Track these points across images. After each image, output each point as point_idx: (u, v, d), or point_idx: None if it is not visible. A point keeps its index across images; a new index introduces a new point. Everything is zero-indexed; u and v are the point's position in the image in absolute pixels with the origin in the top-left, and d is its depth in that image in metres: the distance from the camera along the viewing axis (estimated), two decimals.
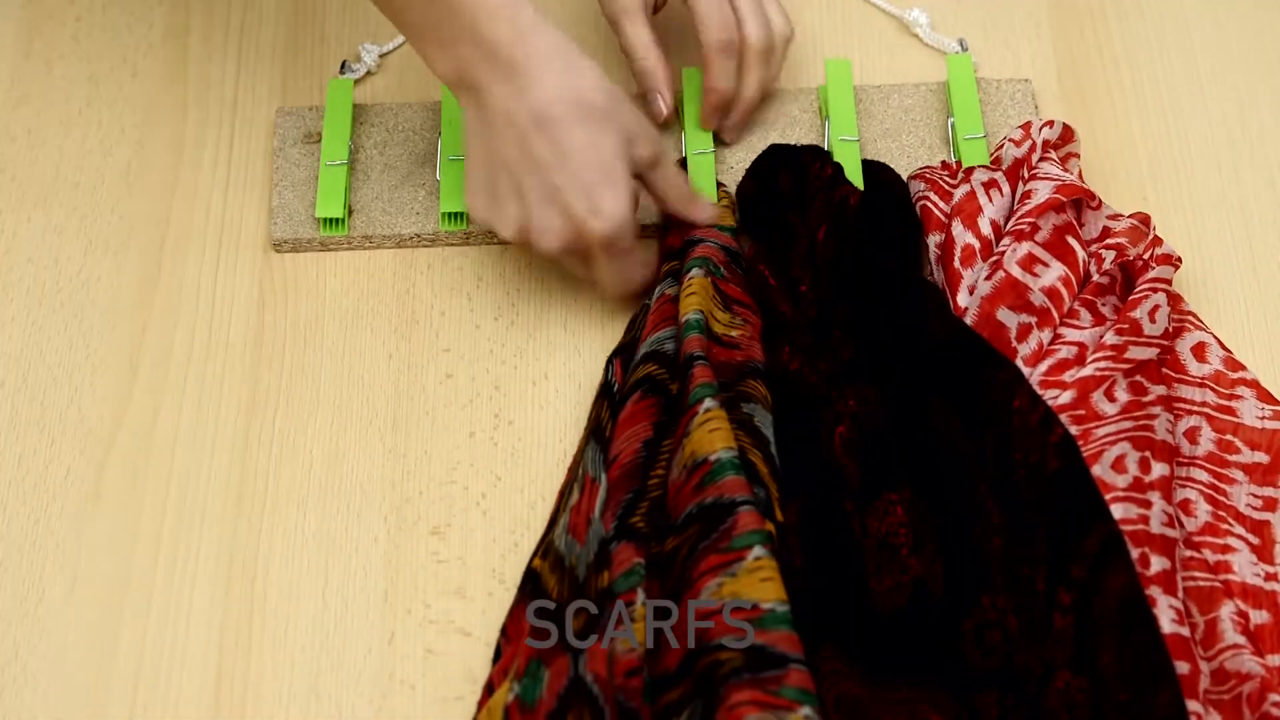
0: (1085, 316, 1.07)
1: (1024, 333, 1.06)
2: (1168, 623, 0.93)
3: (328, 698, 0.98)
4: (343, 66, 1.20)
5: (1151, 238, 1.08)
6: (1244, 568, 0.99)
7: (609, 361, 1.06)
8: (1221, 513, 1.01)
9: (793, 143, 1.15)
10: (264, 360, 1.10)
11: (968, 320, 1.06)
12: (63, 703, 0.98)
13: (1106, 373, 1.03)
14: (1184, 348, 1.07)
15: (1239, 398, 1.05)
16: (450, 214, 1.13)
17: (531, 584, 0.99)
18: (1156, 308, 1.04)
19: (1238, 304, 1.12)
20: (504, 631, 0.98)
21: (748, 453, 0.98)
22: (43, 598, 1.01)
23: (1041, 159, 1.11)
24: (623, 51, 1.14)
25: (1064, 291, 1.07)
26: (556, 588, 0.97)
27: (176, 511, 1.04)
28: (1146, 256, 1.07)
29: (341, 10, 1.24)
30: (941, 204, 1.11)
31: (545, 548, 1.00)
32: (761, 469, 0.98)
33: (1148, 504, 0.97)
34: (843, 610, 0.95)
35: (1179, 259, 1.08)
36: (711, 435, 0.97)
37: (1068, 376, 1.04)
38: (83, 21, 1.23)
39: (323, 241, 1.14)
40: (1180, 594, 0.95)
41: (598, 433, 1.02)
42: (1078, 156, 1.14)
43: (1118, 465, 0.99)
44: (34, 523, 1.04)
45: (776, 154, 1.13)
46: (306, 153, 1.17)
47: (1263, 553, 1.00)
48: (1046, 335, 1.06)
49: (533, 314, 1.11)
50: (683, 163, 1.14)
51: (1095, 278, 1.07)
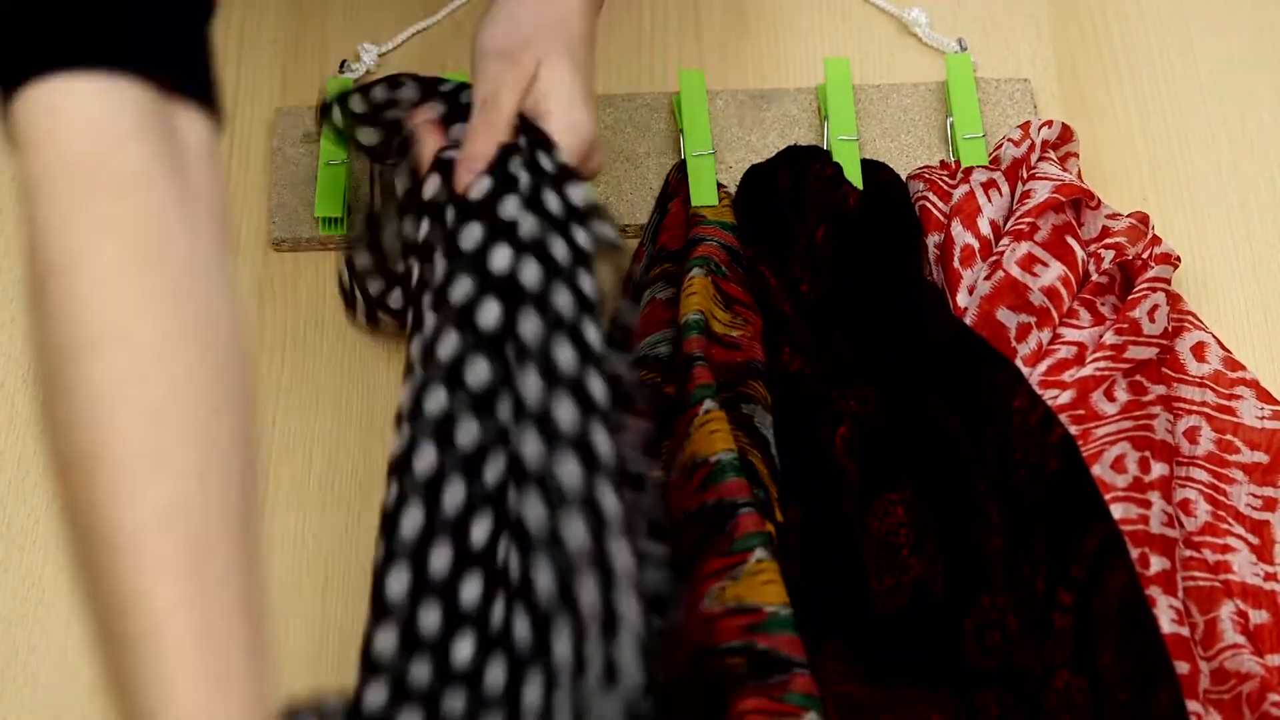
0: (1085, 316, 1.07)
1: (1023, 332, 1.06)
2: (1167, 623, 0.93)
3: None
4: (342, 66, 1.21)
5: (1150, 237, 1.09)
6: (1244, 568, 0.99)
7: None
8: (1221, 513, 1.01)
9: (792, 142, 1.16)
10: (264, 360, 1.10)
11: (967, 320, 1.06)
12: (63, 703, 0.98)
13: (1106, 372, 1.03)
14: (1184, 347, 1.07)
15: (1239, 398, 1.05)
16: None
17: None
18: (1156, 307, 1.04)
19: (1238, 304, 1.12)
20: None
21: (747, 454, 0.98)
22: (43, 598, 1.01)
23: (1040, 159, 1.11)
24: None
25: (1063, 291, 1.07)
26: None
27: None
28: (1145, 256, 1.07)
29: (342, 11, 1.24)
30: (940, 204, 1.11)
31: None
32: (761, 470, 0.98)
33: (1147, 504, 0.97)
34: (843, 610, 0.96)
35: (1178, 258, 1.08)
36: (712, 437, 0.97)
37: (1067, 376, 1.04)
38: None
39: (322, 241, 1.14)
40: (1180, 594, 0.95)
41: None
42: (1076, 156, 1.14)
43: (1117, 465, 0.99)
44: (34, 523, 1.04)
45: (777, 155, 1.13)
46: (306, 152, 1.17)
47: (1262, 553, 1.00)
48: (1046, 335, 1.06)
49: None
50: (682, 165, 1.14)
51: (1094, 277, 1.07)
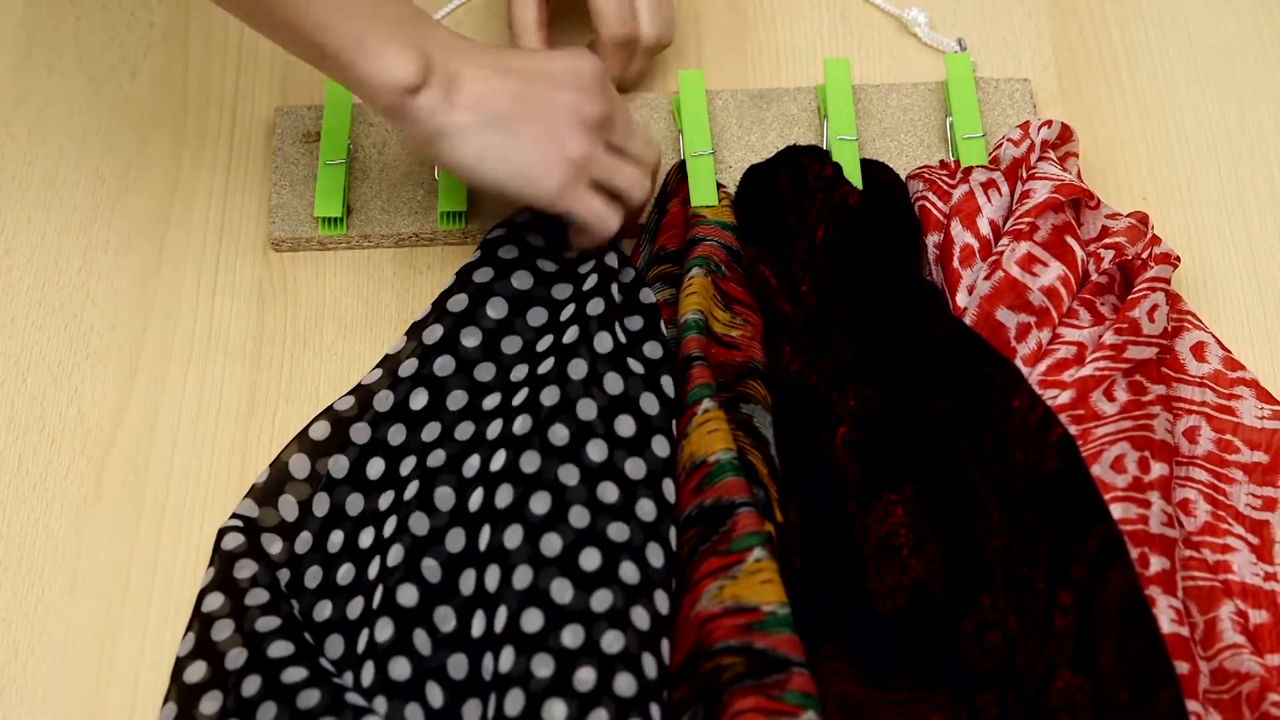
0: (1084, 316, 1.07)
1: (1023, 332, 1.06)
2: (1167, 623, 0.93)
3: None
4: None
5: (1150, 237, 1.08)
6: (1243, 567, 0.99)
7: None
8: (1221, 512, 1.01)
9: (791, 142, 1.16)
10: (264, 360, 1.10)
11: (967, 320, 1.06)
12: (63, 703, 0.98)
13: (1106, 372, 1.03)
14: (1183, 347, 1.07)
15: (1238, 397, 1.05)
16: (449, 213, 1.13)
17: None
18: (1155, 307, 1.04)
19: (1238, 304, 1.12)
20: None
21: (747, 453, 0.99)
22: (43, 597, 1.01)
23: (1040, 159, 1.11)
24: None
25: (1063, 291, 1.07)
26: None
27: (176, 511, 1.04)
28: (1145, 255, 1.07)
29: None
30: (940, 204, 1.11)
31: None
32: (761, 470, 0.98)
33: (1147, 504, 0.97)
34: (843, 611, 0.95)
35: (1178, 258, 1.08)
36: (710, 436, 0.97)
37: (1067, 376, 1.04)
38: (83, 21, 1.23)
39: (322, 241, 1.14)
40: (1180, 594, 0.95)
41: None
42: (1076, 156, 1.14)
43: (1117, 465, 0.99)
44: (34, 523, 1.04)
45: (777, 155, 1.13)
46: (305, 152, 1.17)
47: (1262, 552, 1.00)
48: (1046, 335, 1.06)
49: None
50: (681, 165, 1.14)
51: (1094, 277, 1.07)
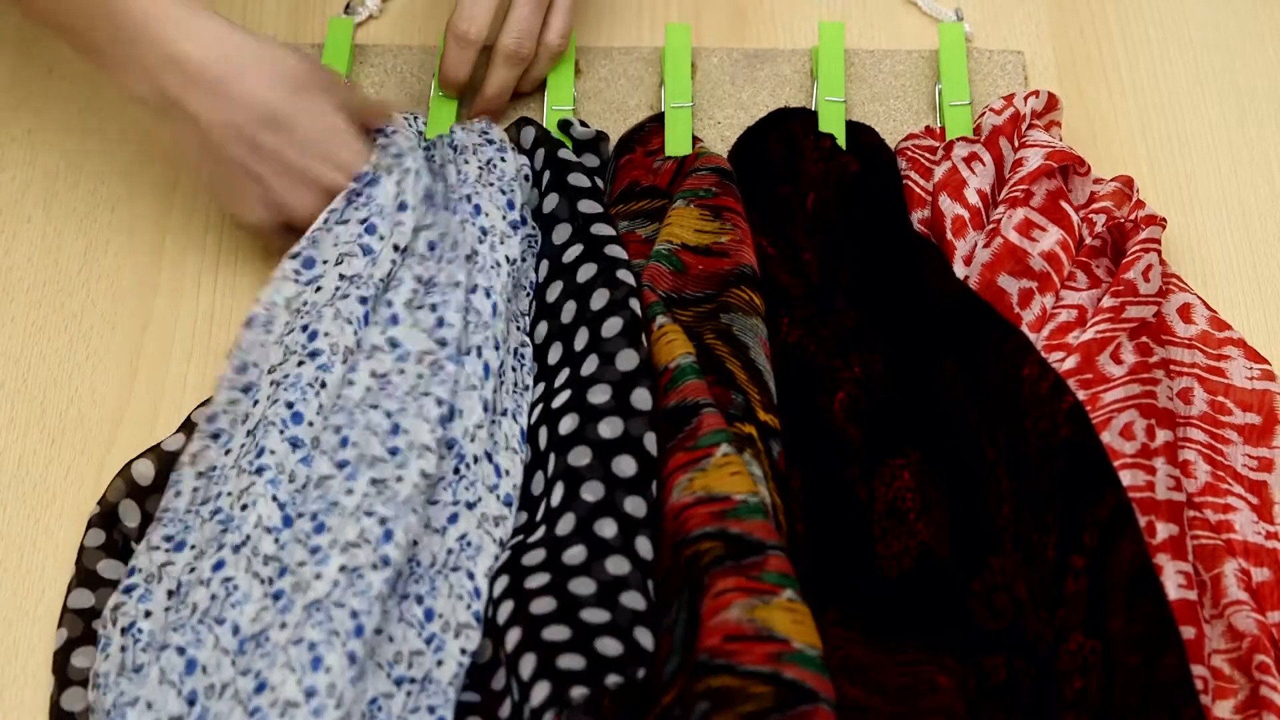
0: (1081, 279, 1.08)
1: (1026, 298, 1.06)
2: (1174, 588, 0.94)
3: None
4: (346, 7, 1.22)
5: (1135, 200, 1.10)
6: (1245, 526, 1.00)
7: None
8: (1220, 473, 1.02)
9: (783, 103, 1.18)
10: None
11: None
12: None
13: (1108, 334, 1.03)
14: (1170, 310, 1.08)
15: (1227, 358, 1.06)
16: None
17: None
18: (1150, 267, 1.06)
19: (1238, 303, 1.12)
20: None
21: (725, 362, 1.01)
22: (43, 597, 1.01)
23: (1029, 127, 1.12)
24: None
25: (1062, 255, 1.08)
26: None
27: None
28: (1133, 218, 1.08)
29: None
30: (922, 181, 1.12)
31: None
32: (740, 375, 1.01)
33: (1153, 470, 0.98)
34: (848, 575, 0.96)
35: (1164, 219, 1.08)
36: (669, 346, 1.00)
37: (1071, 339, 1.04)
38: None
39: None
40: (1189, 557, 0.96)
41: None
42: (1059, 124, 1.15)
43: (1126, 432, 1.00)
44: (34, 523, 1.04)
45: (768, 122, 1.15)
46: None
47: (1262, 512, 1.01)
48: (1049, 300, 1.07)
49: None
50: (660, 117, 1.16)
51: (1088, 241, 1.08)
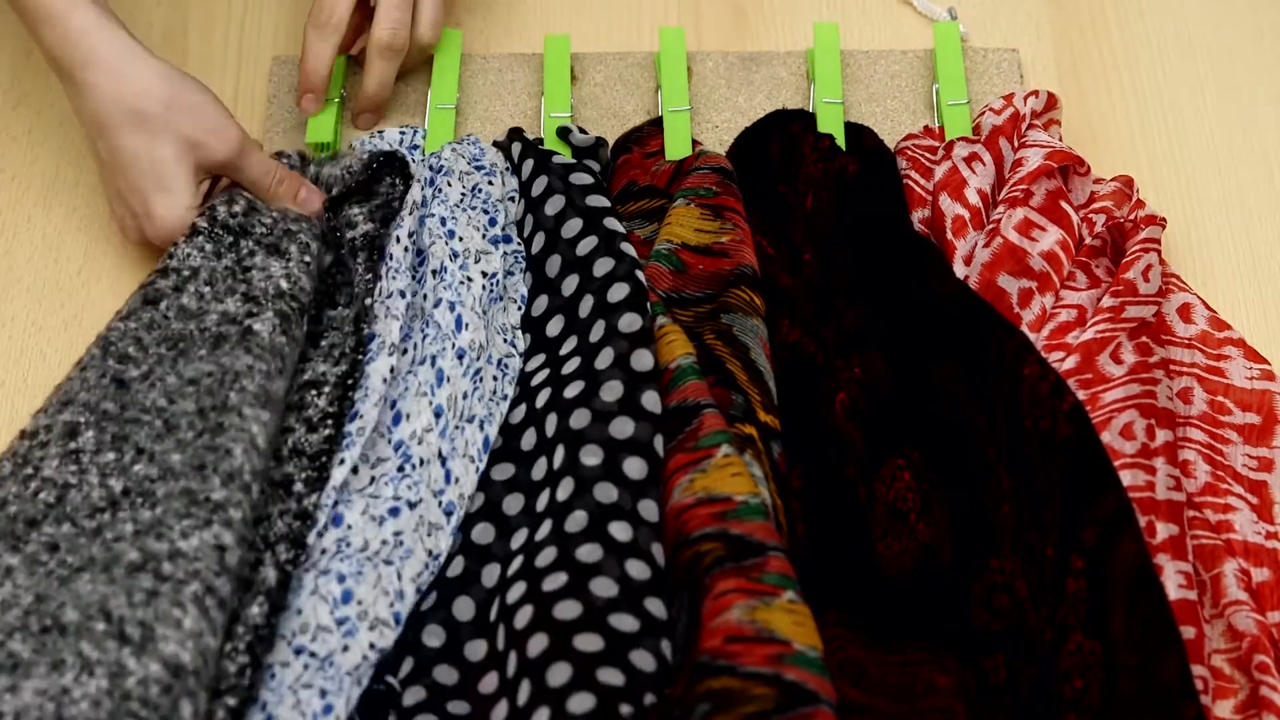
0: (1081, 279, 1.08)
1: (1026, 298, 1.06)
2: (1174, 588, 0.94)
3: None
4: None
5: (1135, 200, 1.10)
6: (1245, 526, 1.00)
7: None
8: (1220, 472, 1.02)
9: (780, 106, 1.18)
10: None
11: None
12: None
13: (1108, 334, 1.03)
14: (1170, 309, 1.08)
15: (1227, 358, 1.06)
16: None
17: None
18: (1149, 267, 1.06)
19: (1238, 303, 1.12)
20: None
21: (726, 362, 1.01)
22: None
23: (1029, 127, 1.12)
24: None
25: (1062, 255, 1.08)
26: None
27: None
28: (1133, 218, 1.08)
29: None
30: (923, 181, 1.12)
31: None
32: (740, 376, 1.01)
33: (1153, 470, 0.98)
34: (849, 575, 0.96)
35: (1163, 219, 1.08)
36: (669, 346, 1.01)
37: (1070, 339, 1.05)
38: None
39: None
40: (1189, 557, 0.96)
41: None
42: (1059, 124, 1.15)
43: (1126, 432, 1.00)
44: None
45: (767, 123, 1.14)
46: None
47: (1262, 512, 1.01)
48: (1049, 300, 1.07)
49: None
50: (658, 121, 1.16)
51: (1088, 241, 1.09)
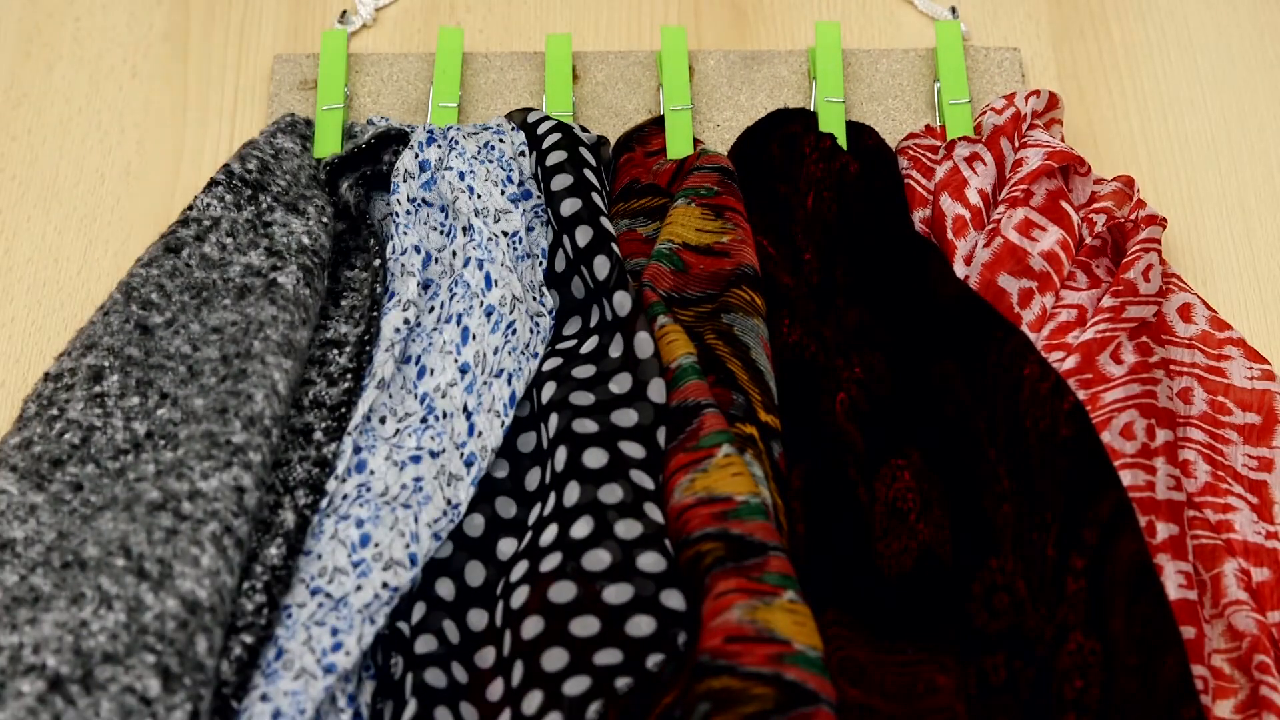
0: (1081, 279, 1.08)
1: (1026, 298, 1.06)
2: (1174, 589, 0.94)
3: None
4: (342, 16, 1.22)
5: (1135, 200, 1.10)
6: (1245, 526, 1.00)
7: None
8: (1220, 473, 1.02)
9: (781, 105, 1.18)
10: None
11: None
12: None
13: (1108, 334, 1.03)
14: (1170, 309, 1.08)
15: (1227, 358, 1.06)
16: None
17: None
18: (1150, 267, 1.06)
19: (1238, 303, 1.12)
20: None
21: (726, 362, 1.01)
22: None
23: (1030, 127, 1.12)
24: None
25: (1062, 255, 1.08)
26: None
27: None
28: (1133, 218, 1.08)
29: None
30: (924, 180, 1.12)
31: None
32: (741, 376, 1.01)
33: (1153, 469, 0.98)
34: (848, 574, 0.96)
35: (1164, 219, 1.08)
36: (670, 346, 1.00)
37: (1070, 339, 1.05)
38: (82, 21, 1.23)
39: None
40: (1190, 557, 0.96)
41: None
42: (1060, 123, 1.15)
43: (1126, 432, 1.00)
44: None
45: (768, 122, 1.14)
46: (303, 99, 1.18)
47: (1262, 512, 1.01)
48: (1049, 300, 1.07)
49: None
50: (660, 120, 1.16)
51: (1088, 241, 1.09)
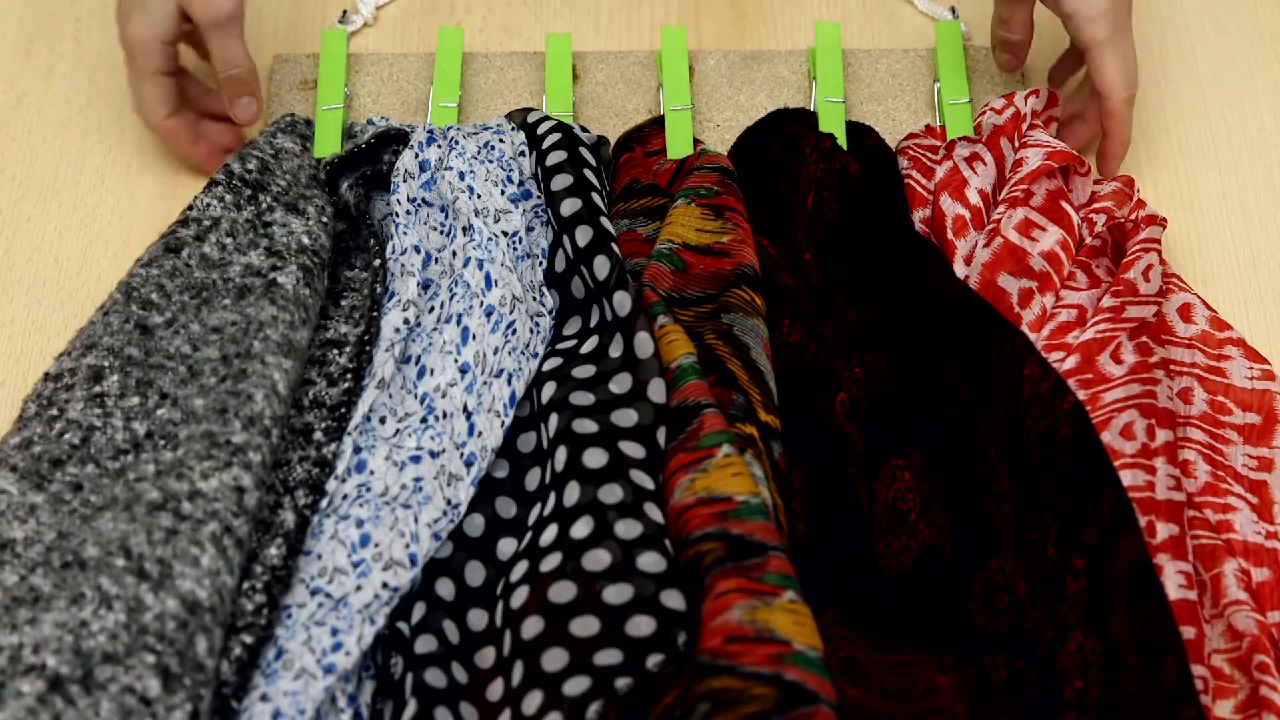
0: (1081, 279, 1.08)
1: (1026, 298, 1.06)
2: (1174, 589, 0.94)
3: None
4: (342, 16, 1.22)
5: (1135, 200, 1.10)
6: (1245, 526, 1.00)
7: None
8: (1220, 473, 1.02)
9: (781, 105, 1.18)
10: None
11: None
12: None
13: (1108, 334, 1.03)
14: (1170, 309, 1.08)
15: (1227, 358, 1.06)
16: None
17: None
18: (1150, 267, 1.05)
19: (1238, 303, 1.12)
20: None
21: (726, 362, 1.01)
22: None
23: (1030, 127, 1.12)
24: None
25: (1062, 255, 1.08)
26: None
27: None
28: (1134, 218, 1.08)
29: None
30: (924, 180, 1.12)
31: None
32: (741, 376, 1.01)
33: (1153, 470, 0.98)
34: (848, 575, 0.96)
35: (1164, 219, 1.08)
36: (670, 346, 1.00)
37: (1071, 339, 1.05)
38: (82, 21, 1.23)
39: None
40: (1190, 556, 0.96)
41: None
42: (1057, 120, 1.15)
43: (1126, 432, 1.00)
44: None
45: (768, 122, 1.14)
46: (303, 99, 1.18)
47: (1262, 512, 1.01)
48: (1049, 300, 1.07)
49: None
50: (660, 120, 1.16)
51: (1088, 241, 1.09)
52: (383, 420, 1.00)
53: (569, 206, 1.06)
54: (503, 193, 1.08)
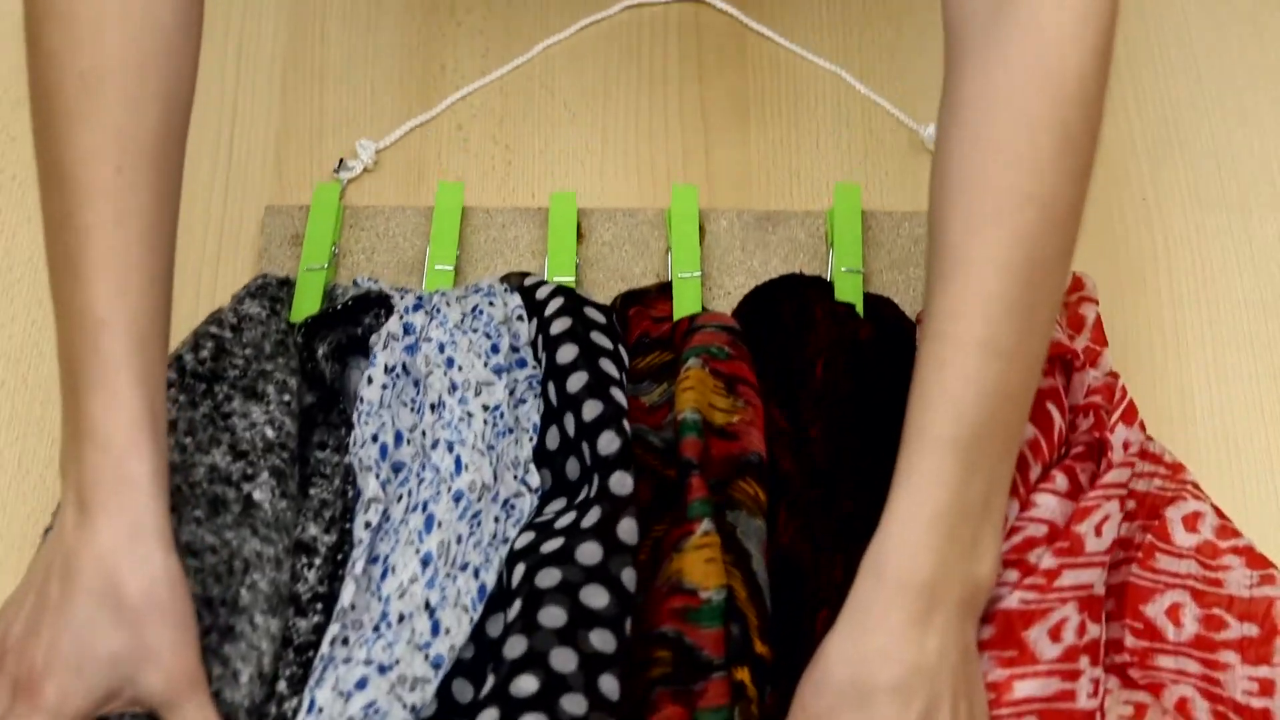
0: (1061, 481, 0.99)
1: None
2: None
3: None
4: (339, 165, 1.18)
5: (1116, 399, 1.02)
6: None
7: None
8: (1220, 707, 0.94)
9: (796, 269, 1.12)
10: None
11: None
12: None
13: (1039, 606, 0.96)
14: (1175, 515, 1.00)
15: (1226, 567, 0.98)
16: None
17: None
18: (1106, 519, 0.98)
19: (1238, 306, 1.12)
20: None
21: (729, 575, 0.96)
22: None
23: None
24: None
25: (1029, 455, 0.99)
26: None
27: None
28: (1115, 415, 1.01)
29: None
30: None
31: None
32: (740, 593, 0.95)
33: (1075, 674, 0.93)
34: None
35: (1143, 423, 1.02)
36: (707, 567, 0.95)
37: (1033, 558, 0.97)
38: None
39: None
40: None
41: None
42: (1094, 302, 1.08)
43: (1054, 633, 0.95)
44: (33, 523, 1.03)
45: (780, 284, 1.09)
46: (292, 255, 1.13)
47: None
48: (1013, 508, 0.98)
49: None
50: (668, 286, 1.10)
51: (1074, 450, 1.01)
52: (345, 641, 0.93)
53: (575, 382, 1.00)
54: (485, 364, 1.02)
